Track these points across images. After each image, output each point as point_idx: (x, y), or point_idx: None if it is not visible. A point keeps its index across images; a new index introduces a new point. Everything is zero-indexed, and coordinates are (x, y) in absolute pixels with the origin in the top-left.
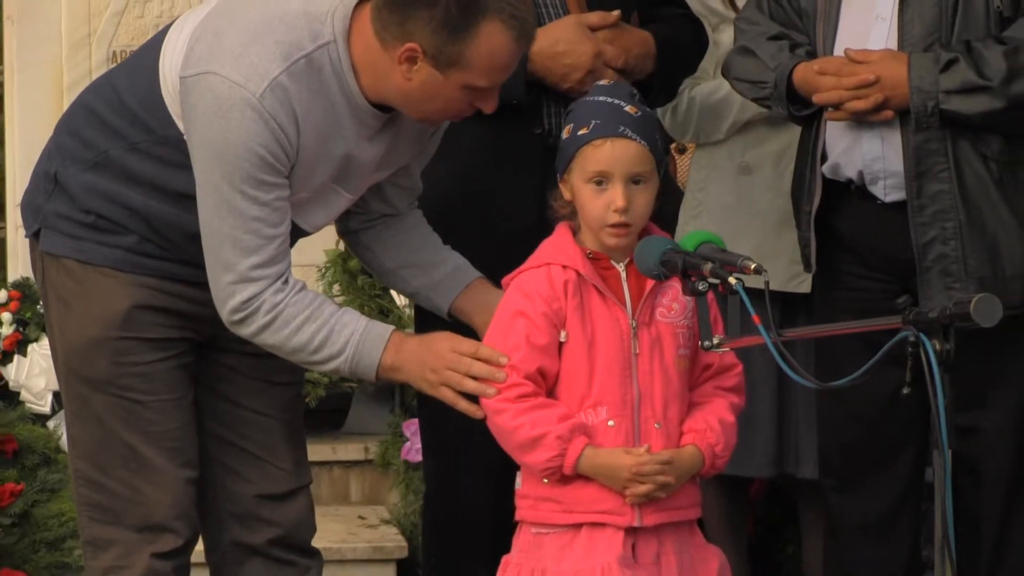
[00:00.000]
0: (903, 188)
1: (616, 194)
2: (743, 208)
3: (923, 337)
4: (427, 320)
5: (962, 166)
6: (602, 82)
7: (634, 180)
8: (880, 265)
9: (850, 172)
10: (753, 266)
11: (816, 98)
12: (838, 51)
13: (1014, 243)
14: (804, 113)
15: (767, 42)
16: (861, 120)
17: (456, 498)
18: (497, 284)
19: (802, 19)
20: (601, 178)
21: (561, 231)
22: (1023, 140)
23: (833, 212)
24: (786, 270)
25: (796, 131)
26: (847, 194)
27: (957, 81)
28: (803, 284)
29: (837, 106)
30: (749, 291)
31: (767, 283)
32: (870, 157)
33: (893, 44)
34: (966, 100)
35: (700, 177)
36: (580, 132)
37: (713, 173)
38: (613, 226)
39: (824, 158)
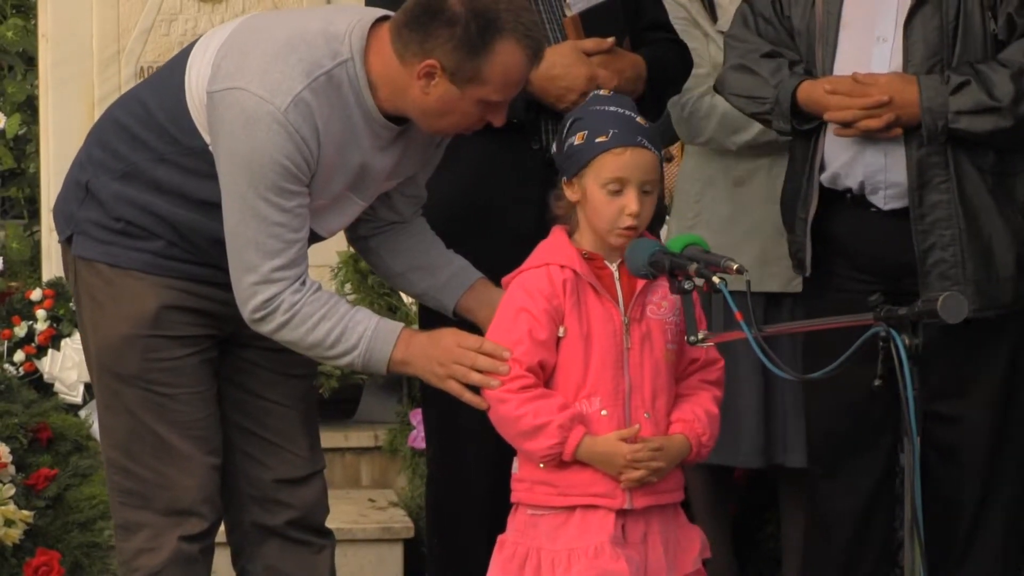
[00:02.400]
0: (902, 198)
1: (631, 200)
2: (741, 218)
3: (893, 332)
4: (431, 317)
5: (961, 178)
6: (601, 92)
7: (645, 189)
8: (871, 268)
9: (850, 182)
10: (735, 266)
11: (828, 116)
12: (839, 69)
13: (1006, 249)
14: (805, 128)
15: (763, 59)
16: (870, 137)
17: (456, 481)
18: (497, 284)
19: (794, 38)
20: (618, 184)
21: (557, 233)
22: (1013, 154)
23: (826, 219)
24: (788, 272)
25: (785, 147)
26: (842, 202)
27: (968, 102)
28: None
29: (847, 123)
30: (732, 291)
31: (748, 282)
32: (872, 169)
33: (897, 64)
34: (976, 120)
35: (695, 190)
36: (598, 139)
37: (709, 187)
38: (624, 229)
39: (822, 168)
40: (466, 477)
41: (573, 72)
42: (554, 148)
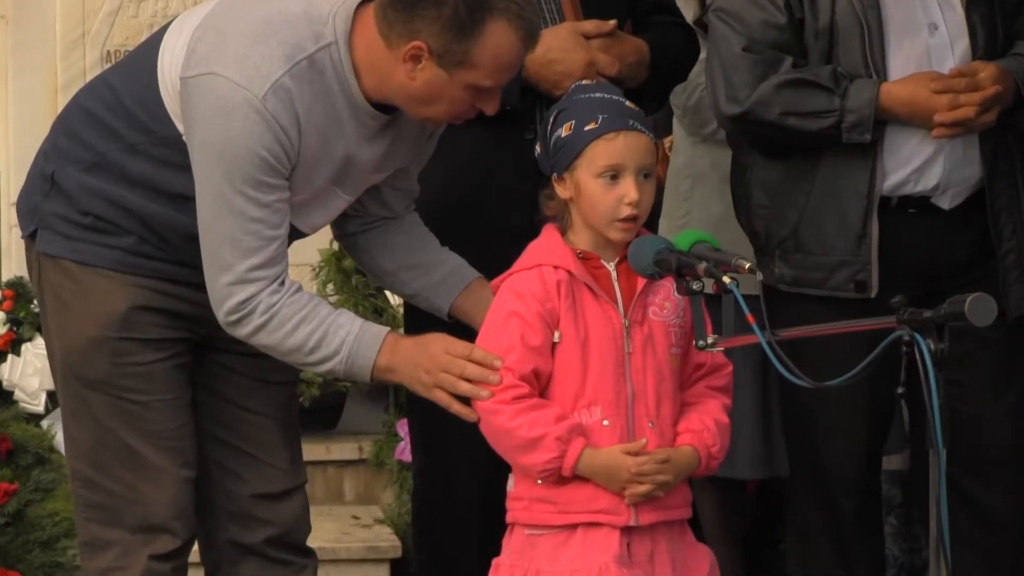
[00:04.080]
0: (965, 193)
1: (629, 187)
2: (733, 217)
3: (917, 337)
4: (418, 321)
5: (1017, 162)
6: (584, 82)
7: (644, 173)
8: (914, 272)
9: (921, 186)
10: (747, 265)
11: (941, 117)
12: (895, 65)
13: None
14: (867, 138)
15: (821, 69)
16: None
17: (445, 495)
18: None
19: (802, 39)
20: (614, 171)
21: (549, 232)
22: None
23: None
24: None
25: None
26: (884, 209)
27: None
28: None
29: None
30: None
31: (762, 283)
32: (950, 166)
33: (963, 51)
34: None
35: (684, 187)
36: (587, 128)
37: (699, 183)
38: (624, 220)
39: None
40: (456, 492)
41: (571, 56)
42: (537, 149)
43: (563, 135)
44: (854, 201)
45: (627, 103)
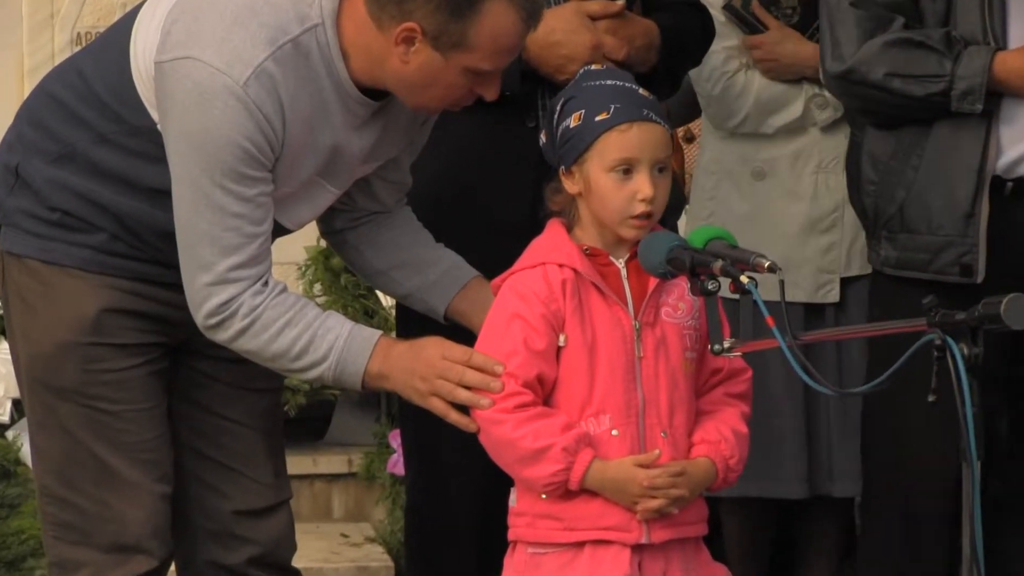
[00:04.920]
0: None
1: (643, 182)
2: (761, 216)
3: (949, 340)
4: (411, 324)
5: None
6: (593, 67)
7: (659, 167)
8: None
9: None
10: (767, 264)
11: None
12: (1015, 34)
13: None
14: (979, 110)
15: (933, 31)
16: None
17: (441, 512)
18: None
19: (933, 0)
20: (627, 165)
21: (554, 228)
22: None
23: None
24: (812, 279)
25: (811, 134)
26: (998, 191)
27: None
28: (830, 293)
29: None
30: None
31: (782, 282)
32: None
33: None
34: None
35: (710, 184)
36: (598, 118)
37: (724, 180)
38: (637, 217)
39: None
40: (453, 509)
41: (575, 39)
42: (542, 139)
43: (571, 125)
44: (963, 177)
45: (641, 91)
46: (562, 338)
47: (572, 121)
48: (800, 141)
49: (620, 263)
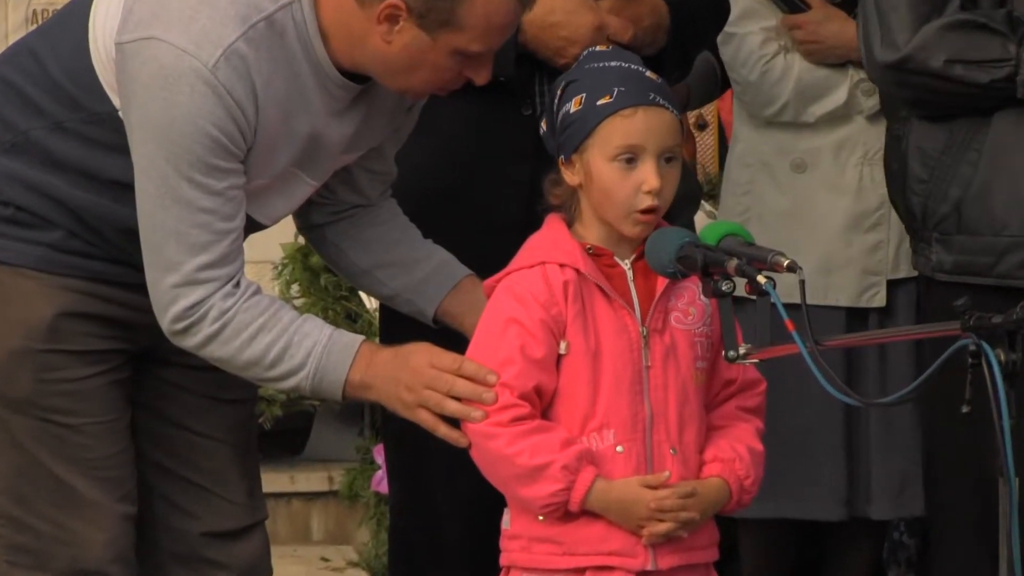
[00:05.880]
0: None
1: (649, 172)
2: (800, 212)
3: (985, 346)
4: (397, 327)
5: None
6: (598, 48)
7: (667, 157)
8: None
9: None
10: (786, 263)
11: None
12: None
13: None
14: None
15: (995, 11)
16: None
17: (429, 534)
18: None
19: None
20: (632, 154)
21: (554, 224)
22: None
23: None
24: (857, 282)
25: (856, 122)
26: None
27: None
28: (876, 297)
29: None
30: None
31: (802, 282)
32: None
33: None
34: None
35: (744, 178)
36: (601, 102)
37: (760, 173)
38: (643, 211)
39: None
40: (441, 530)
41: (577, 19)
42: (543, 127)
43: (572, 111)
44: None
45: (648, 73)
46: (563, 345)
47: (573, 106)
48: (844, 130)
49: (626, 264)
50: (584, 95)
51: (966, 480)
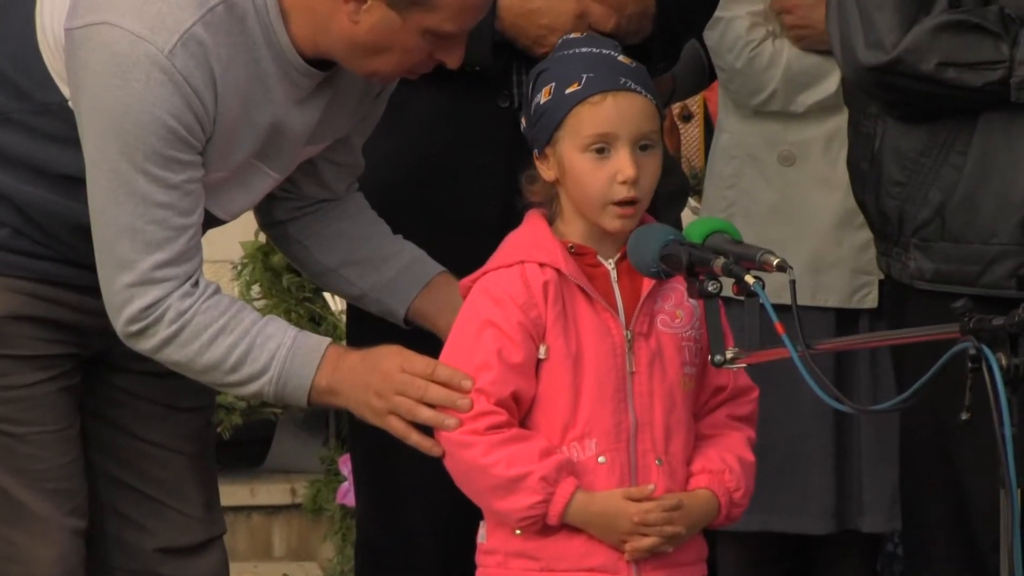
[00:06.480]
0: None
1: (623, 161)
2: (789, 208)
3: (985, 350)
4: (366, 330)
5: None
6: (572, 35)
7: (642, 145)
8: None
9: None
10: (776, 261)
11: None
12: None
13: None
14: None
15: (986, 10)
16: None
17: (399, 549)
18: None
19: None
20: (603, 143)
21: (534, 220)
22: None
23: None
24: (848, 282)
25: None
26: None
27: None
28: (868, 298)
29: None
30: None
31: (793, 282)
32: None
33: None
34: None
35: (729, 171)
36: (569, 90)
37: (747, 166)
38: (620, 203)
39: None
40: (412, 545)
41: (557, 6)
42: (523, 122)
43: (542, 101)
44: (1021, 176)
45: (620, 57)
46: (542, 349)
47: (543, 96)
48: (835, 121)
49: (610, 263)
50: (553, 84)
51: (943, 493)
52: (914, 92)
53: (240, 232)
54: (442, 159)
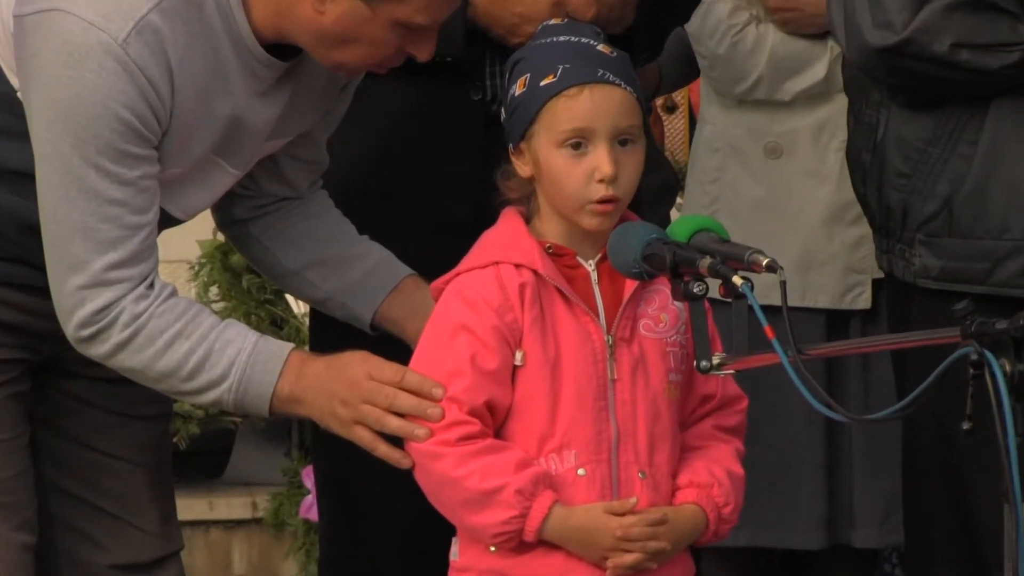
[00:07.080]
0: None
1: (601, 158)
2: (776, 203)
3: (988, 355)
4: (328, 335)
5: None
6: (552, 21)
7: (621, 140)
8: None
9: None
10: (765, 261)
11: None
12: None
13: None
14: None
15: None
16: None
17: (365, 566)
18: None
19: None
20: (579, 138)
21: (510, 219)
22: None
23: None
24: (840, 281)
25: (838, 101)
26: None
27: None
28: (860, 298)
29: None
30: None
31: (783, 283)
32: None
33: None
34: None
35: (712, 165)
36: (544, 82)
37: (731, 159)
38: (599, 202)
39: None
40: (379, 562)
41: None
42: (503, 114)
43: (517, 93)
44: None
45: (600, 47)
46: (519, 356)
47: (518, 88)
48: (824, 110)
49: (590, 265)
50: (528, 75)
51: (947, 505)
52: (925, 76)
53: (198, 230)
54: (411, 155)
